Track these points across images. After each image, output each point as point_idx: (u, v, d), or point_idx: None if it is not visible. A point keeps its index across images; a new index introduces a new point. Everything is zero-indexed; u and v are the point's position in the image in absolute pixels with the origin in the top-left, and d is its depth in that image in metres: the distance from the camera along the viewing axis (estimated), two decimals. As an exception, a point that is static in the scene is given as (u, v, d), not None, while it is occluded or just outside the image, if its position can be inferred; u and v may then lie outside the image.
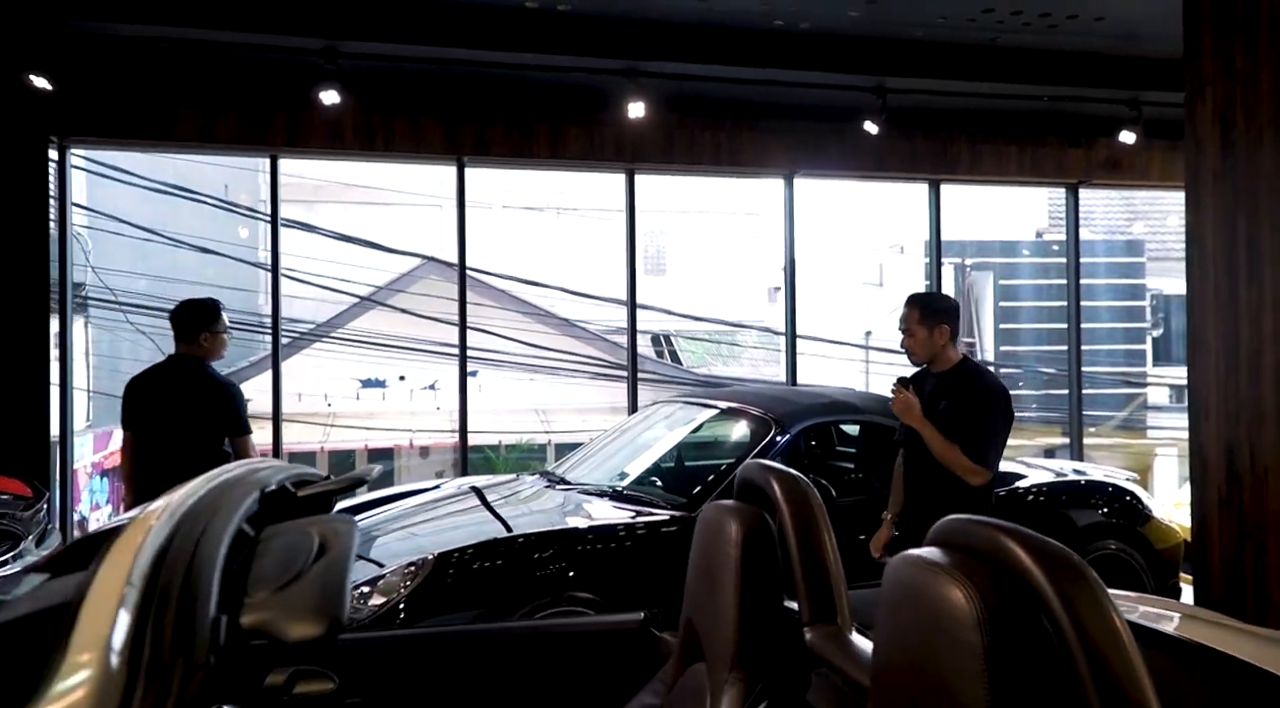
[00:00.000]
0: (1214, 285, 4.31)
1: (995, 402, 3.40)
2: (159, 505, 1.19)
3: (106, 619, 0.83)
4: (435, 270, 14.59)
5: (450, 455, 14.97)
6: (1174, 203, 14.37)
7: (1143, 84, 6.19)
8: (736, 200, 17.99)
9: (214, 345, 4.02)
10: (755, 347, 18.56)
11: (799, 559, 1.86)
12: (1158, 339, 15.14)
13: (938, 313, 3.53)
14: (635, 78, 5.58)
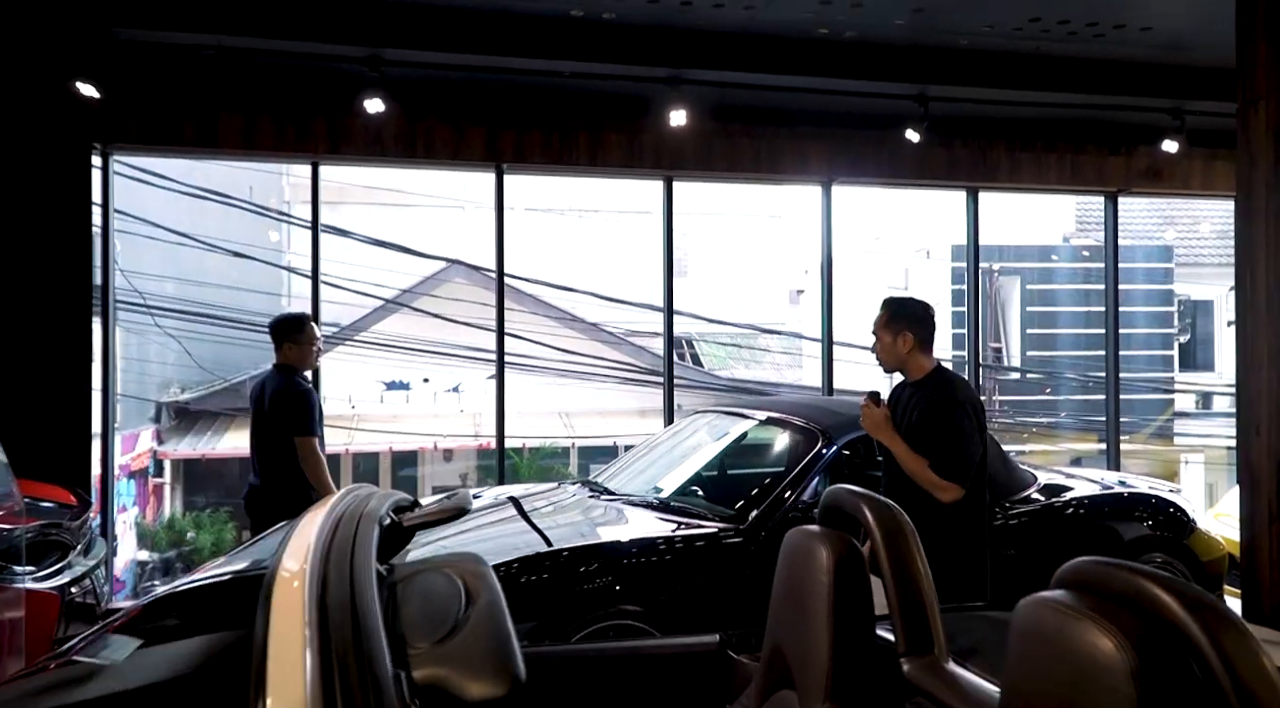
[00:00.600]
0: (1266, 299, 4.27)
1: (964, 414, 3.25)
2: (298, 548, 1.18)
3: (298, 682, 0.82)
4: (460, 273, 14.63)
5: (474, 459, 15.01)
6: (1207, 209, 14.25)
7: (1186, 93, 6.14)
8: (759, 203, 17.95)
9: (299, 354, 4.47)
10: (778, 351, 18.52)
11: (894, 588, 1.84)
12: (1184, 345, 15.03)
13: (901, 319, 3.40)
14: (678, 85, 5.57)
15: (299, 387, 4.43)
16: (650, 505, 4.43)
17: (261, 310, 15.40)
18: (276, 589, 1.01)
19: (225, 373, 14.81)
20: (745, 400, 8.80)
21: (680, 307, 16.93)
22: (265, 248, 15.78)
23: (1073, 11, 5.17)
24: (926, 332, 3.44)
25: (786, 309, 19.55)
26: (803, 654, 1.90)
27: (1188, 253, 14.88)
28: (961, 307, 13.96)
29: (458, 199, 18.58)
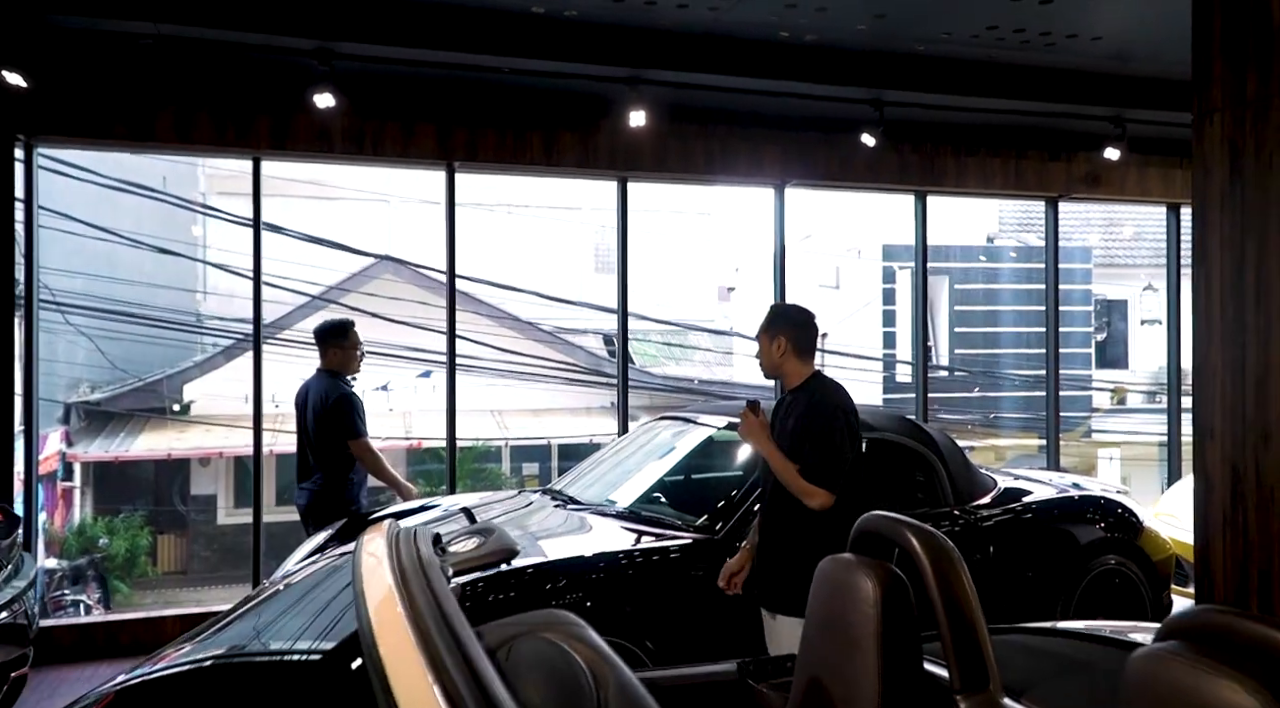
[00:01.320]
0: (1220, 308, 4.39)
1: (835, 419, 3.22)
2: (388, 625, 1.06)
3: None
4: (389, 269, 14.28)
5: (404, 460, 14.68)
6: (1127, 214, 14.76)
7: (1127, 102, 6.30)
8: (688, 200, 17.98)
9: (342, 359, 4.70)
10: (708, 348, 18.58)
11: (945, 620, 1.80)
12: (1100, 344, 15.55)
13: (775, 323, 3.36)
14: (637, 85, 5.48)
15: (340, 391, 4.60)
16: (618, 516, 4.34)
17: (177, 307, 14.82)
18: (395, 682, 0.90)
19: (139, 371, 14.21)
20: (700, 403, 8.74)
21: (611, 303, 16.88)
22: (180, 241, 15.16)
23: (1029, 21, 5.24)
24: (804, 337, 3.35)
25: (716, 306, 19.64)
26: (847, 690, 1.85)
27: (1104, 254, 15.40)
28: (892, 305, 14.22)
29: (383, 194, 18.17)
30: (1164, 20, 5.16)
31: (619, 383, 6.37)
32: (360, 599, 1.16)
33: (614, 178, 6.22)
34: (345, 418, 4.54)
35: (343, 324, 4.78)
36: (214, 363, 13.75)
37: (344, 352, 4.69)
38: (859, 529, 2.04)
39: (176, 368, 14.13)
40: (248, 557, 5.92)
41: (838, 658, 1.89)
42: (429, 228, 18.91)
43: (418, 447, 14.25)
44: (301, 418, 4.71)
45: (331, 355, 4.68)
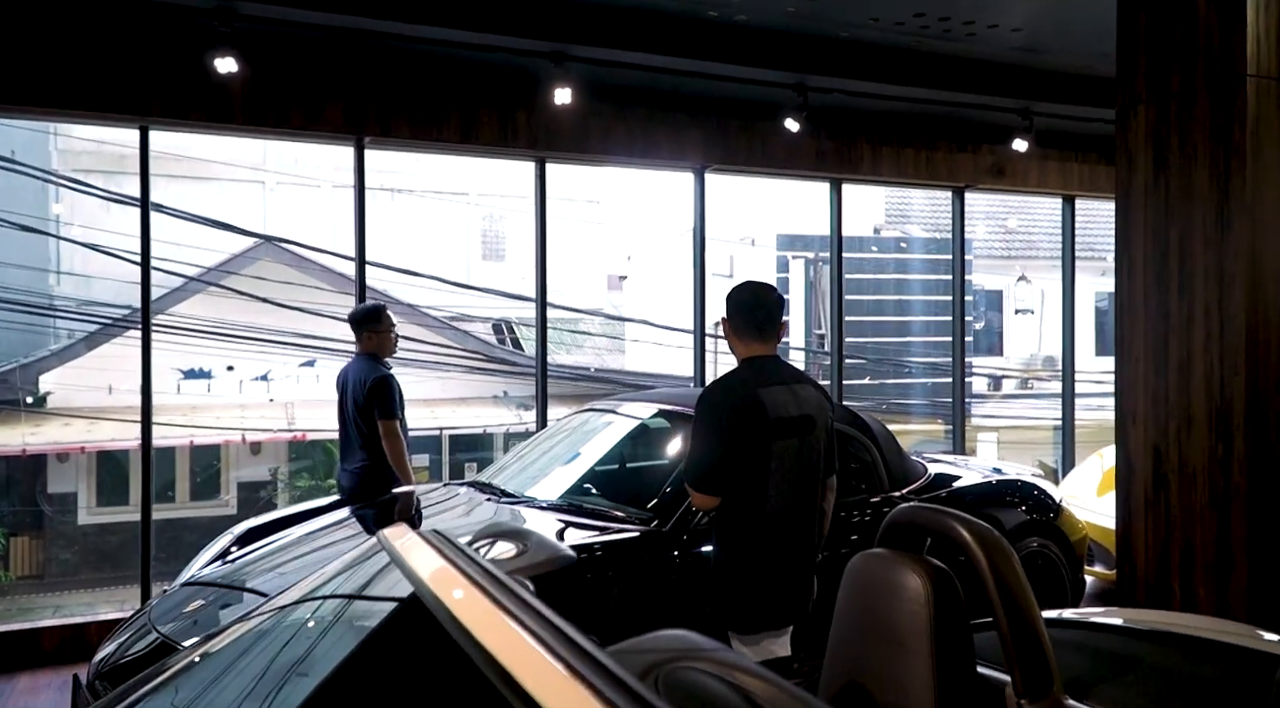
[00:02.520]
0: (1144, 296, 4.51)
1: (700, 415, 3.02)
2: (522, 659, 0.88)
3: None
4: (270, 252, 13.58)
5: (286, 453, 14.02)
6: (1012, 206, 15.32)
7: (1035, 94, 6.45)
8: (576, 187, 17.80)
9: (379, 342, 4.82)
10: (599, 335, 18.46)
11: (1005, 622, 1.70)
12: (977, 332, 16.15)
13: (727, 306, 3.12)
14: (562, 62, 5.26)
15: (379, 373, 4.74)
16: (556, 508, 4.14)
17: (27, 287, 13.68)
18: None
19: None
20: (623, 393, 8.60)
21: (503, 290, 16.53)
22: (33, 218, 14.03)
23: (954, 9, 5.27)
24: (739, 319, 3.07)
25: (606, 294, 19.53)
26: (896, 696, 1.73)
27: (982, 246, 15.96)
28: (786, 294, 14.40)
29: (258, 172, 17.28)
30: (1082, 13, 5.28)
31: (537, 373, 6.15)
32: (466, 637, 0.96)
33: (532, 159, 5.98)
34: (381, 398, 4.70)
35: (376, 308, 4.93)
36: (74, 352, 12.78)
37: (379, 335, 4.82)
38: (891, 521, 1.92)
39: (31, 357, 13.07)
40: (112, 559, 5.45)
41: (882, 661, 1.77)
42: (309, 209, 18.10)
43: (301, 439, 13.61)
44: (342, 401, 4.90)
45: (368, 339, 4.81)
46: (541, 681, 0.87)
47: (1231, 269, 4.16)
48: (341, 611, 1.46)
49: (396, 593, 1.38)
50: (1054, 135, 7.08)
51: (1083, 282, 9.00)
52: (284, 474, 14.01)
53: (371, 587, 1.50)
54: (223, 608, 3.73)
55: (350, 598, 1.49)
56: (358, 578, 1.51)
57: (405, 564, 1.36)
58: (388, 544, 1.47)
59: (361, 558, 1.54)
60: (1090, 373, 10.59)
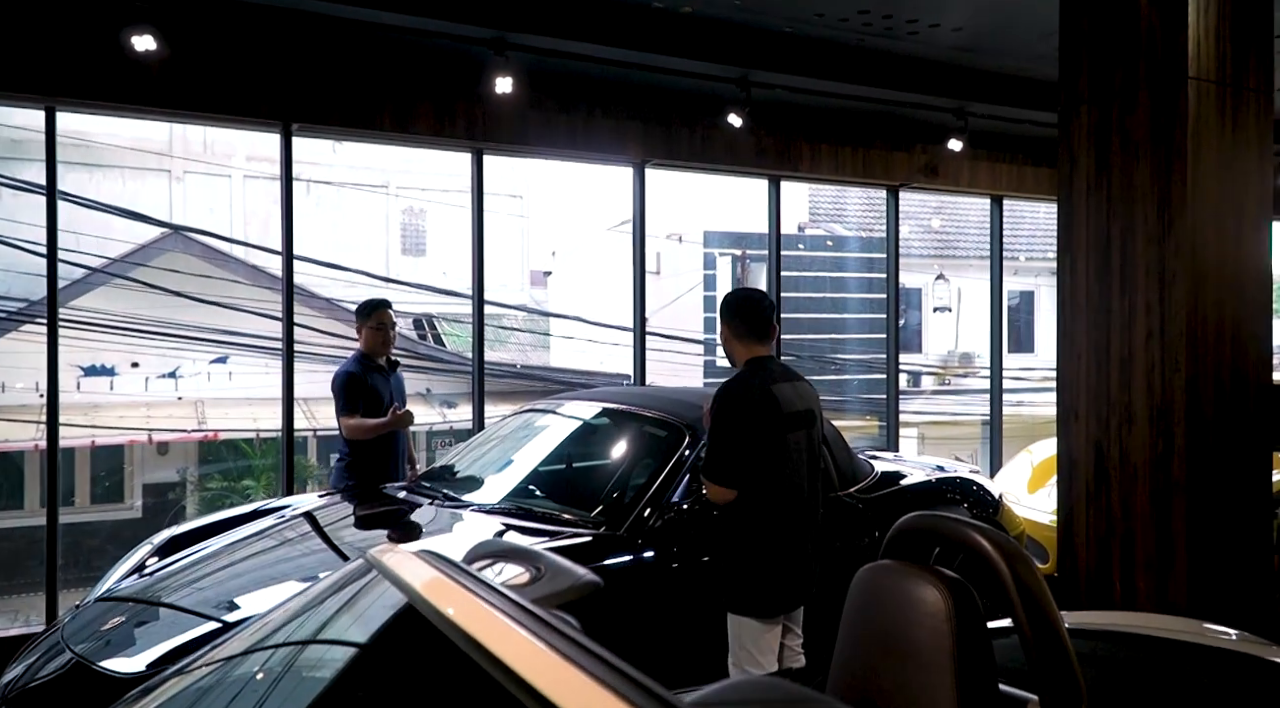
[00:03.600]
0: (1086, 293, 4.57)
1: (722, 410, 3.22)
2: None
3: None
4: (179, 243, 13.01)
5: (196, 454, 13.45)
6: (933, 206, 15.60)
7: (970, 94, 6.52)
8: (499, 181, 17.54)
9: (365, 339, 4.73)
10: (521, 330, 18.23)
11: (1031, 637, 1.63)
12: (900, 329, 16.43)
13: (721, 311, 3.43)
14: (503, 50, 5.09)
15: (340, 369, 4.73)
16: (501, 512, 3.99)
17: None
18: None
19: None
20: (565, 392, 8.39)
21: (425, 285, 16.16)
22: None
23: (898, 7, 5.27)
24: (741, 324, 3.36)
25: (529, 290, 19.31)
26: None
27: (902, 245, 16.22)
28: (713, 291, 14.40)
29: (164, 157, 16.58)
30: (1022, 13, 5.33)
31: (474, 371, 5.95)
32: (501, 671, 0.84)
33: (470, 150, 5.78)
34: (335, 396, 4.67)
35: (366, 303, 4.82)
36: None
37: (366, 331, 4.74)
38: (899, 530, 1.83)
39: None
40: (4, 567, 5.07)
41: (899, 679, 1.68)
42: (220, 199, 17.39)
43: (213, 439, 13.06)
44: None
45: (360, 331, 4.79)
46: (557, 683, 0.85)
47: (1173, 267, 4.22)
48: (334, 630, 1.31)
49: (391, 610, 1.24)
50: (985, 136, 7.17)
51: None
52: (194, 477, 13.44)
53: (364, 605, 1.35)
54: (138, 626, 3.47)
55: (341, 618, 1.33)
56: (347, 597, 1.36)
57: (402, 582, 1.22)
58: (379, 564, 1.32)
59: (348, 578, 1.39)
60: (1006, 370, 10.83)
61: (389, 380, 4.81)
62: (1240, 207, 4.38)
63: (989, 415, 7.98)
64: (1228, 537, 4.27)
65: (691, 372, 13.16)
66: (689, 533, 3.75)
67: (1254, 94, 4.39)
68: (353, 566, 1.39)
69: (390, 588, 1.26)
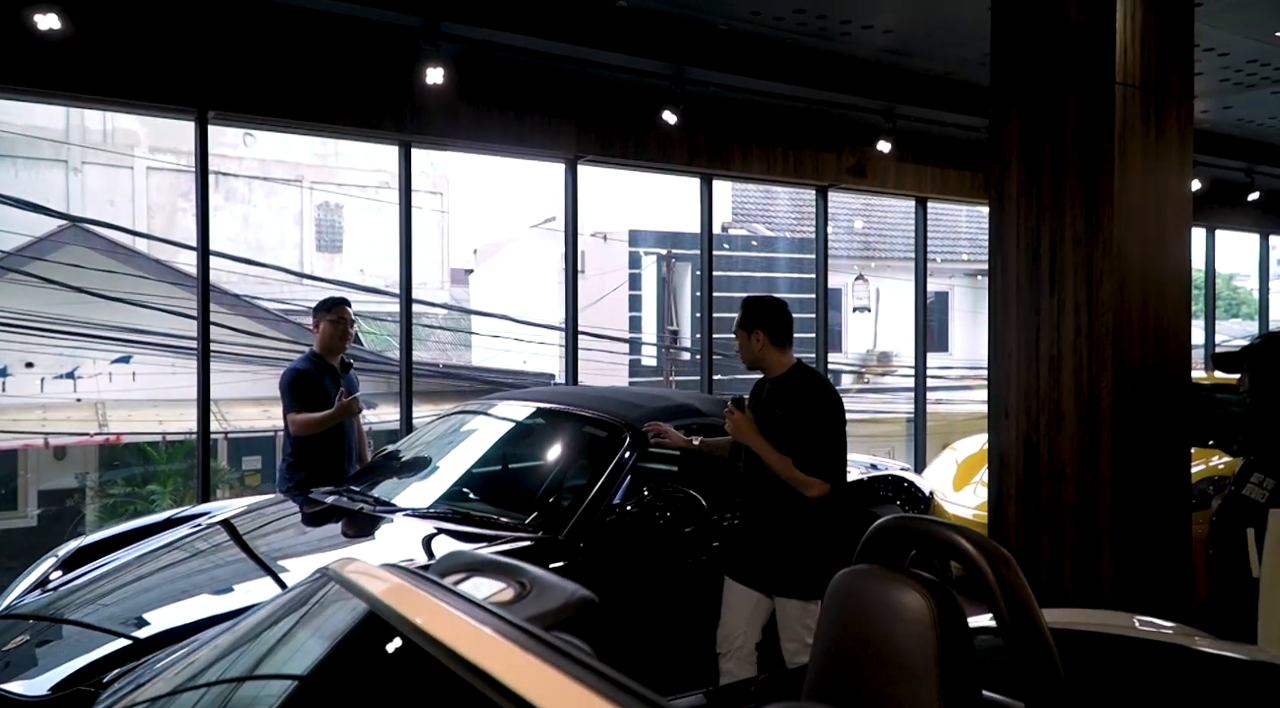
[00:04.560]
0: (1016, 294, 4.65)
1: (823, 409, 3.38)
2: None
3: None
4: (78, 237, 12.41)
5: (96, 459, 12.84)
6: (856, 208, 15.82)
7: (898, 97, 6.60)
8: (419, 178, 17.24)
9: (326, 332, 4.61)
10: (440, 327, 17.93)
11: (1019, 644, 1.60)
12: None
13: (751, 317, 3.51)
14: (435, 40, 4.93)
15: (290, 367, 4.63)
16: (434, 516, 3.85)
17: None
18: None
19: None
20: (498, 393, 8.18)
21: (346, 282, 15.76)
22: None
23: (832, 7, 5.29)
24: (779, 329, 3.49)
25: (449, 289, 19.01)
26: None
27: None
28: (638, 290, 14.36)
29: (60, 146, 15.85)
30: (952, 17, 5.40)
31: (401, 370, 5.78)
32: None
33: (397, 143, 5.60)
34: (283, 395, 4.57)
35: (327, 299, 4.72)
36: None
37: (326, 326, 4.62)
38: (876, 532, 1.79)
39: None
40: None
41: (880, 688, 1.63)
42: (122, 192, 16.66)
43: (115, 442, 12.49)
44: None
45: (315, 327, 4.69)
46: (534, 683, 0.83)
47: (1100, 268, 4.32)
48: (290, 651, 1.19)
49: (351, 622, 1.14)
50: (912, 138, 7.27)
51: (910, 283, 9.30)
52: (95, 483, 12.83)
53: (321, 620, 1.24)
54: (41, 645, 3.24)
55: (298, 636, 1.22)
56: (304, 612, 1.24)
57: (364, 593, 1.12)
58: (338, 576, 1.22)
59: (305, 594, 1.27)
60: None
61: (341, 381, 4.65)
62: (1162, 210, 4.51)
63: (913, 413, 8.11)
64: (1150, 529, 4.39)
65: (618, 371, 13.10)
66: (631, 536, 3.69)
67: (1176, 100, 4.52)
68: (309, 580, 1.28)
69: (354, 604, 1.16)
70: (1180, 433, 4.63)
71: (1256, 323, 11.49)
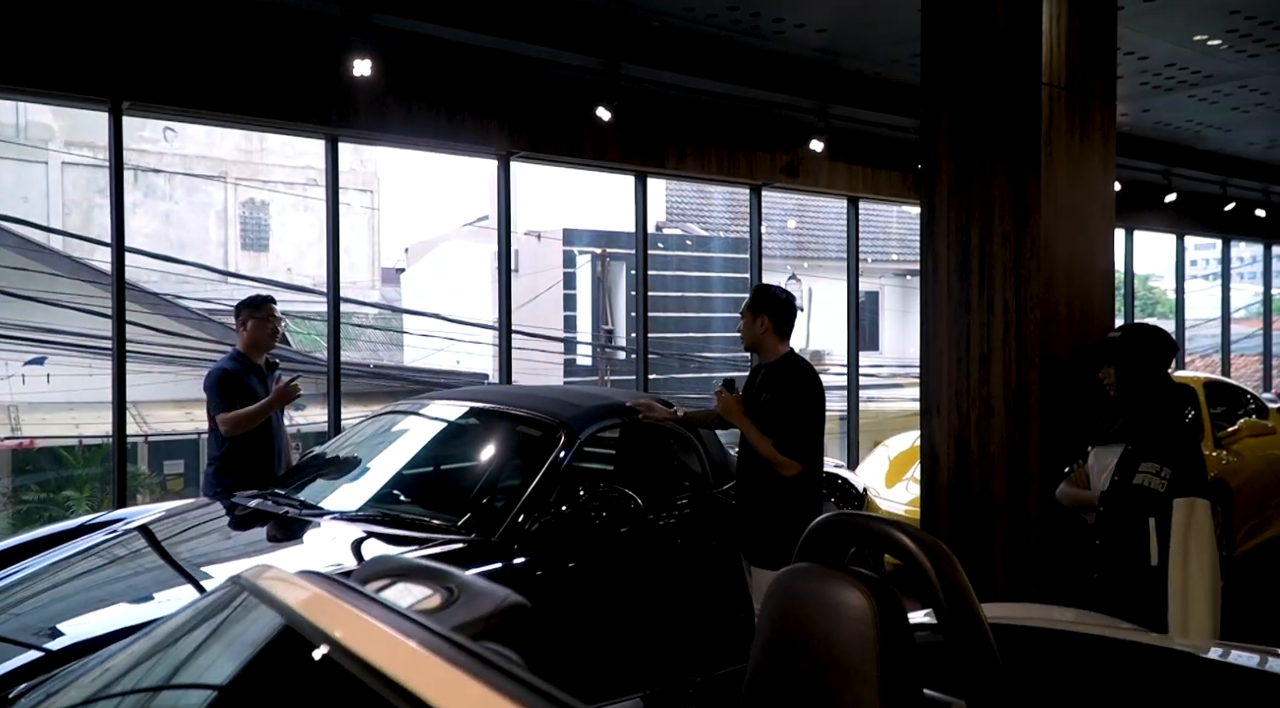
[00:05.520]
0: (947, 293, 4.70)
1: (805, 396, 3.62)
2: None
3: None
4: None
5: (8, 464, 12.33)
6: (788, 208, 15.94)
7: (831, 96, 6.65)
8: (349, 176, 16.97)
9: (253, 331, 4.46)
10: (372, 326, 17.63)
11: (959, 641, 1.58)
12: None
13: (762, 303, 3.74)
14: (362, 30, 4.81)
15: (214, 367, 4.51)
16: (363, 520, 3.75)
17: None
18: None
19: None
20: (431, 393, 7.99)
21: (273, 280, 15.38)
22: None
23: (765, 5, 5.29)
24: (783, 319, 3.74)
25: (379, 288, 18.71)
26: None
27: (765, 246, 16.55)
28: (573, 290, 14.28)
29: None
30: (884, 17, 5.44)
31: (329, 371, 5.62)
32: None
33: (324, 137, 5.45)
34: (209, 395, 4.42)
35: (252, 297, 4.59)
36: None
37: (253, 324, 4.47)
38: (814, 530, 1.76)
39: None
40: None
41: (820, 689, 1.61)
42: (35, 187, 16.04)
43: (29, 447, 12.00)
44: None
45: (243, 330, 4.51)
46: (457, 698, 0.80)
47: (1028, 266, 4.39)
48: (198, 666, 1.12)
49: (264, 635, 1.07)
50: (844, 138, 7.33)
51: (841, 282, 9.40)
52: (7, 488, 12.32)
53: (231, 633, 1.16)
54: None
55: (208, 650, 1.14)
56: (212, 625, 1.17)
57: (280, 604, 1.05)
58: (251, 585, 1.14)
59: (214, 606, 1.19)
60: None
61: (266, 382, 4.54)
62: (1087, 209, 4.60)
63: (845, 411, 8.18)
64: (1075, 523, 4.47)
65: (552, 370, 13.00)
66: (567, 538, 3.63)
67: (1099, 102, 4.62)
68: (220, 591, 1.20)
69: (269, 616, 1.09)
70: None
71: (1173, 322, 11.87)
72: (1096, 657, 2.28)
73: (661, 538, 4.07)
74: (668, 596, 4.02)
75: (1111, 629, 2.48)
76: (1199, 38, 5.96)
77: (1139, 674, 2.20)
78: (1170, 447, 3.29)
